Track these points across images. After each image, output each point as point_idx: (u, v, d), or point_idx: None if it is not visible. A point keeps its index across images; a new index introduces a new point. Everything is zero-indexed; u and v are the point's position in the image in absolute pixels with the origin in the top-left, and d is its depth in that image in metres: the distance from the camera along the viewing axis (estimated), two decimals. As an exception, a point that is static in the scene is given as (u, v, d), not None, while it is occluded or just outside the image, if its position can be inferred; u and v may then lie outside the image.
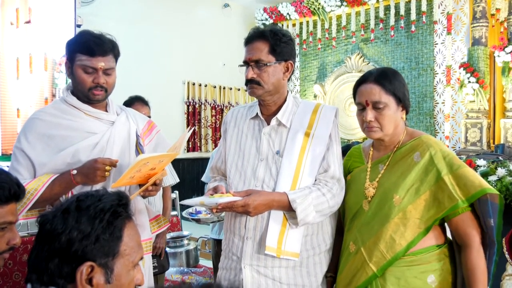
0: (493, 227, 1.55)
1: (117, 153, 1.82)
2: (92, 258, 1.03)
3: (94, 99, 1.80)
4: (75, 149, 1.76)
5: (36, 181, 1.72)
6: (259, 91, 1.74)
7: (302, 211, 1.62)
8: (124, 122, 1.90)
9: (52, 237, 1.03)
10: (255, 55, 1.71)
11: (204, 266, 3.93)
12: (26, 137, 1.78)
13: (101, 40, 1.77)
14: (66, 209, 1.06)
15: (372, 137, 1.71)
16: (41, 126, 1.79)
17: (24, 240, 2.53)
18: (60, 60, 4.51)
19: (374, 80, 1.66)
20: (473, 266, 1.55)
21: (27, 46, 4.31)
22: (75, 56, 1.75)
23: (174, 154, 1.71)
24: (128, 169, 1.57)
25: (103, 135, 1.82)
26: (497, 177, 3.83)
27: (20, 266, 2.46)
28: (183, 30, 7.17)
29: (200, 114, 7.51)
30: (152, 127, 2.05)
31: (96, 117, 1.84)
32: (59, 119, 1.81)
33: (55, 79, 4.50)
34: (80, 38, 1.77)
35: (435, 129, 6.40)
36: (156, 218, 2.07)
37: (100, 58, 1.75)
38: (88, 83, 1.76)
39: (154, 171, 1.70)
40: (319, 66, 7.74)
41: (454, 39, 6.21)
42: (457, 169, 1.56)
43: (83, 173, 1.70)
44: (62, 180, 1.72)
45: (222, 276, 1.82)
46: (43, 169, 1.76)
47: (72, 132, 1.79)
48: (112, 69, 1.80)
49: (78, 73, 1.76)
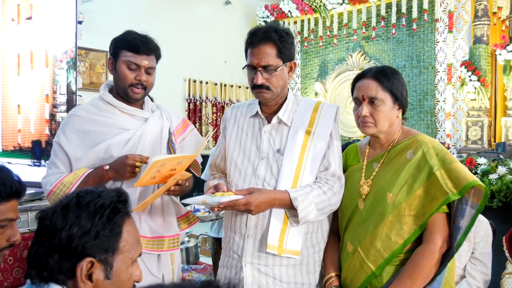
0: (460, 228, 1.55)
1: (149, 149, 1.86)
2: (92, 254, 1.03)
3: (133, 97, 1.85)
4: (108, 144, 1.81)
5: (72, 175, 1.80)
6: (268, 95, 1.73)
7: (303, 209, 1.62)
8: (158, 120, 1.95)
9: (52, 233, 1.03)
10: (264, 60, 1.68)
11: (204, 263, 3.93)
12: (64, 132, 1.86)
13: (147, 39, 1.85)
14: (66, 205, 1.07)
15: (366, 132, 1.72)
16: (77, 121, 1.86)
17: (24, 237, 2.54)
18: (61, 56, 4.50)
19: (373, 76, 1.68)
20: (419, 266, 1.55)
21: (28, 42, 4.30)
22: (120, 52, 1.82)
23: (192, 156, 1.75)
24: (146, 170, 1.60)
25: (135, 132, 1.86)
26: (497, 175, 3.84)
27: (20, 262, 2.47)
28: (184, 27, 7.16)
29: (201, 111, 7.51)
30: (186, 125, 2.09)
31: (130, 114, 1.90)
32: (95, 115, 1.87)
33: (56, 75, 4.49)
34: (127, 36, 1.84)
35: (436, 127, 6.39)
36: (186, 215, 2.10)
37: (145, 57, 1.82)
38: (130, 79, 1.82)
39: (174, 172, 1.72)
40: (320, 63, 7.72)
41: (456, 37, 6.19)
42: (449, 164, 1.57)
43: (114, 169, 1.75)
44: (96, 175, 1.78)
45: (223, 274, 1.82)
46: (78, 164, 1.82)
47: (106, 128, 1.85)
48: (153, 69, 1.87)
49: (121, 69, 1.82)
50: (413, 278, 1.54)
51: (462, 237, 1.55)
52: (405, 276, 1.55)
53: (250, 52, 1.72)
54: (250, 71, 1.74)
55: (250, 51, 1.72)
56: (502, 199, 3.70)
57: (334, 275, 1.75)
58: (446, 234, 1.58)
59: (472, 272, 2.48)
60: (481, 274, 2.47)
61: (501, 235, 2.56)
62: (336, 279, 1.74)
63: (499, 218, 3.43)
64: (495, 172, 3.87)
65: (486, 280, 2.48)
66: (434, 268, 1.55)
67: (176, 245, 1.96)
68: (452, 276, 1.66)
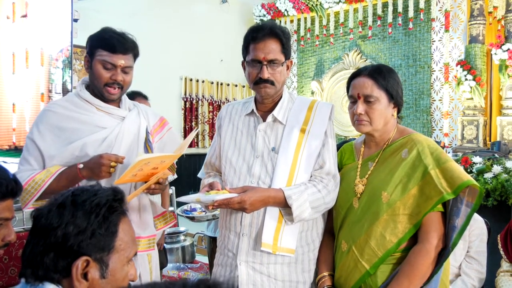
0: (455, 227, 1.55)
1: (125, 149, 1.83)
2: (87, 253, 1.03)
3: (109, 98, 1.82)
4: (83, 142, 1.78)
5: (44, 172, 1.75)
6: (272, 91, 1.73)
7: (297, 207, 1.62)
8: (135, 118, 1.91)
9: (48, 231, 1.03)
10: (270, 54, 1.69)
11: (201, 262, 3.94)
12: (38, 128, 1.81)
13: (124, 38, 1.79)
14: (61, 203, 1.06)
15: (361, 130, 1.71)
16: (52, 118, 1.81)
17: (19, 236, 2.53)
18: (56, 55, 4.49)
19: (368, 75, 1.68)
20: (415, 265, 1.54)
21: (23, 40, 4.28)
22: (96, 51, 1.77)
23: (175, 156, 1.72)
24: (129, 168, 1.58)
25: (112, 130, 1.83)
26: (493, 174, 3.85)
27: (15, 261, 2.46)
28: (180, 26, 7.15)
29: (197, 110, 7.50)
30: (164, 124, 2.06)
31: (107, 112, 1.86)
32: (71, 112, 1.83)
33: (51, 74, 4.47)
34: (103, 34, 1.79)
35: (431, 126, 6.42)
36: (163, 214, 2.08)
37: (121, 56, 1.77)
38: (105, 78, 1.78)
39: (156, 170, 1.70)
40: (316, 62, 7.73)
41: (452, 36, 6.22)
42: (444, 163, 1.57)
43: (89, 168, 1.71)
44: (69, 173, 1.74)
45: (218, 273, 1.82)
46: (52, 161, 1.78)
47: (82, 125, 1.81)
48: (130, 68, 1.83)
49: (97, 68, 1.78)
50: (410, 278, 1.53)
51: (457, 236, 1.54)
52: (402, 277, 1.55)
53: (254, 47, 1.71)
54: (252, 66, 1.73)
55: (253, 46, 1.71)
56: (497, 197, 3.72)
57: (326, 275, 1.74)
58: (441, 233, 1.58)
59: (467, 271, 2.49)
60: (476, 273, 2.48)
61: (496, 233, 2.57)
62: (328, 279, 1.73)
63: (494, 216, 3.45)
64: (490, 171, 3.89)
65: (481, 279, 2.49)
66: (431, 267, 1.55)
67: (152, 246, 1.94)
68: (447, 275, 1.66)
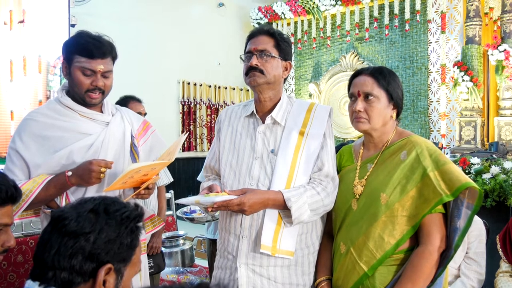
0: (457, 229, 1.55)
1: (112, 154, 1.82)
2: (112, 261, 1.06)
3: (91, 102, 1.79)
4: (70, 150, 1.75)
5: (31, 182, 1.71)
6: (260, 80, 1.74)
7: (297, 209, 1.63)
8: (119, 123, 1.89)
9: (79, 235, 1.04)
10: (261, 45, 1.75)
11: (200, 266, 3.93)
12: (20, 137, 1.77)
13: (100, 42, 1.75)
14: (93, 210, 1.08)
15: (359, 128, 1.72)
16: (35, 127, 1.78)
17: (18, 241, 2.52)
18: (54, 62, 4.49)
19: (369, 74, 1.71)
20: (418, 267, 1.54)
21: (21, 48, 4.28)
22: (73, 58, 1.74)
23: (166, 162, 1.72)
24: (121, 176, 1.58)
25: (97, 137, 1.81)
26: (491, 175, 3.86)
27: (14, 267, 2.46)
28: (178, 29, 7.16)
29: (195, 113, 7.51)
30: (147, 127, 2.04)
31: (91, 118, 1.83)
32: (54, 120, 1.79)
33: (49, 81, 4.47)
34: (78, 39, 1.75)
35: (429, 128, 6.43)
36: (151, 217, 2.07)
37: (99, 61, 1.74)
38: (86, 85, 1.75)
39: (147, 177, 1.71)
40: (314, 65, 7.75)
41: (448, 37, 6.24)
42: (443, 165, 1.57)
43: (78, 175, 1.70)
44: (57, 182, 1.72)
45: (218, 275, 1.82)
46: (37, 170, 1.75)
47: (66, 133, 1.78)
48: (110, 72, 1.80)
49: (76, 75, 1.74)
50: (414, 281, 1.53)
51: (460, 237, 1.54)
52: (405, 280, 1.54)
53: (248, 43, 1.79)
54: (246, 60, 1.78)
55: (249, 42, 1.80)
56: (495, 198, 3.72)
57: (324, 279, 1.74)
58: (443, 234, 1.58)
59: (466, 272, 2.49)
60: (475, 274, 2.48)
61: (495, 234, 2.57)
62: (326, 284, 1.73)
63: (493, 217, 3.46)
64: (488, 172, 3.90)
65: (480, 280, 2.49)
66: (434, 269, 1.55)
67: (143, 250, 1.93)
68: (446, 276, 1.66)
